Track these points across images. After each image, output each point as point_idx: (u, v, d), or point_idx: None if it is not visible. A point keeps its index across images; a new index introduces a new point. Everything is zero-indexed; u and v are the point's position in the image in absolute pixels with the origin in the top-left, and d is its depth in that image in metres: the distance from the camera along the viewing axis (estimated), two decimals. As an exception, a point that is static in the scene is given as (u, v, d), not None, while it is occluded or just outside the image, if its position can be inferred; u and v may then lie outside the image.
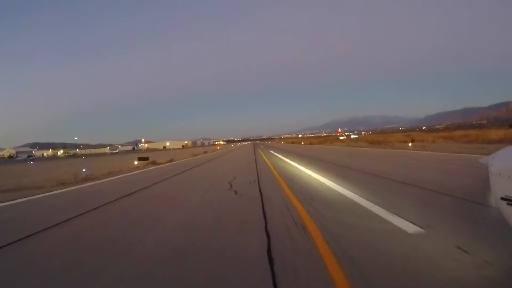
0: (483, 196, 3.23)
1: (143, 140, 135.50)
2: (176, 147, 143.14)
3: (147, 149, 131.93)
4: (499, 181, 1.72)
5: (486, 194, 2.11)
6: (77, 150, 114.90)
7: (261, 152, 25.26)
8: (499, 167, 1.76)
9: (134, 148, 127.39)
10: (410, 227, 3.00)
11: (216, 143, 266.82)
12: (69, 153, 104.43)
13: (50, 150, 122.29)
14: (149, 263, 2.45)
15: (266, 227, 3.29)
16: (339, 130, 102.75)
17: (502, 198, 1.66)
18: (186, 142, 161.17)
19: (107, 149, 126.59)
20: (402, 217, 3.32)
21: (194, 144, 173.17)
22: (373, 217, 3.48)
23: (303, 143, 53.03)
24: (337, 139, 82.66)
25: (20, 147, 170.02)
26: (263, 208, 4.25)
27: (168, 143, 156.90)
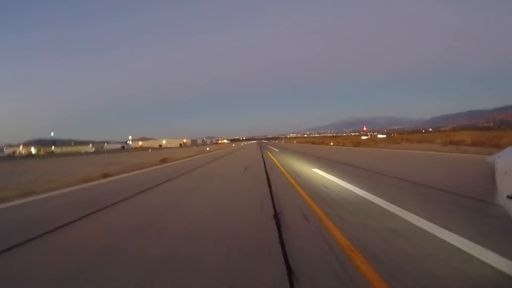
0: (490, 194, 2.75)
1: (130, 137, 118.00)
2: (173, 145, 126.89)
3: (140, 148, 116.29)
4: (505, 179, 1.69)
5: (493, 192, 1.97)
6: (53, 148, 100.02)
7: (287, 174, 8.70)
8: (505, 166, 1.73)
9: (123, 147, 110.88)
10: None
11: (220, 142, 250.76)
12: (42, 152, 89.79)
13: (21, 147, 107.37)
14: None
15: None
16: (365, 128, 78.59)
17: (508, 197, 1.62)
18: (184, 140, 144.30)
19: (90, 147, 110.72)
20: None
21: (194, 142, 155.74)
22: None
23: (332, 143, 35.65)
24: (360, 138, 65.27)
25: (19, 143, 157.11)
26: None
27: (164, 141, 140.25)
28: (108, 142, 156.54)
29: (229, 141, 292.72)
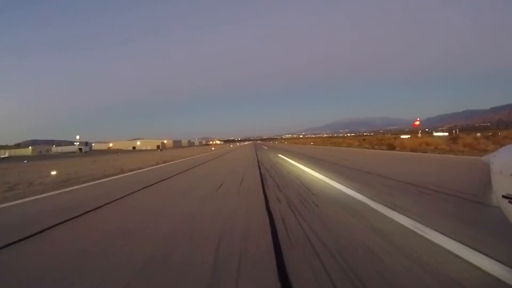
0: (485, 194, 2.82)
1: (77, 137, 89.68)
2: (149, 147, 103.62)
3: (107, 150, 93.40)
4: (500, 179, 1.70)
5: (488, 192, 2.06)
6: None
7: None
8: (500, 165, 1.73)
9: (81, 149, 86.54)
10: None
11: (211, 143, 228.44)
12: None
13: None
14: None
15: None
16: (417, 121, 42.33)
17: (503, 196, 1.61)
18: (165, 141, 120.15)
19: (29, 150, 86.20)
20: None
21: (177, 143, 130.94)
22: None
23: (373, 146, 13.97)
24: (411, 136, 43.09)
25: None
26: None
27: (139, 142, 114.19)
28: (104, 142, 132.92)
29: (222, 142, 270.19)
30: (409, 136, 51.77)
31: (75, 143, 72.55)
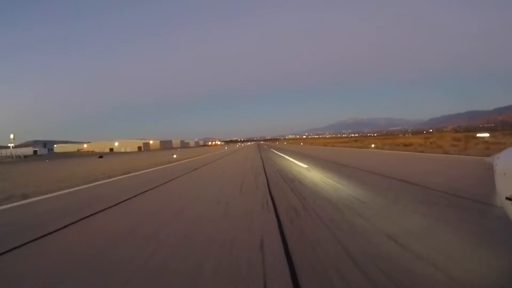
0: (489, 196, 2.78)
1: (11, 136, 67.50)
2: (129, 148, 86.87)
3: (78, 152, 77.60)
4: (504, 181, 1.67)
5: (492, 193, 1.97)
6: None
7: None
8: (504, 167, 1.70)
9: (36, 152, 70.42)
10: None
11: (210, 143, 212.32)
12: None
13: None
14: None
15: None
16: None
17: (507, 198, 1.58)
18: (150, 141, 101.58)
19: None
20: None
21: (166, 144, 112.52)
22: None
23: None
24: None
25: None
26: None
27: (117, 143, 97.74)
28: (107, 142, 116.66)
29: (223, 143, 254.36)
30: (488, 134, 33.60)
31: (9, 145, 55.48)
